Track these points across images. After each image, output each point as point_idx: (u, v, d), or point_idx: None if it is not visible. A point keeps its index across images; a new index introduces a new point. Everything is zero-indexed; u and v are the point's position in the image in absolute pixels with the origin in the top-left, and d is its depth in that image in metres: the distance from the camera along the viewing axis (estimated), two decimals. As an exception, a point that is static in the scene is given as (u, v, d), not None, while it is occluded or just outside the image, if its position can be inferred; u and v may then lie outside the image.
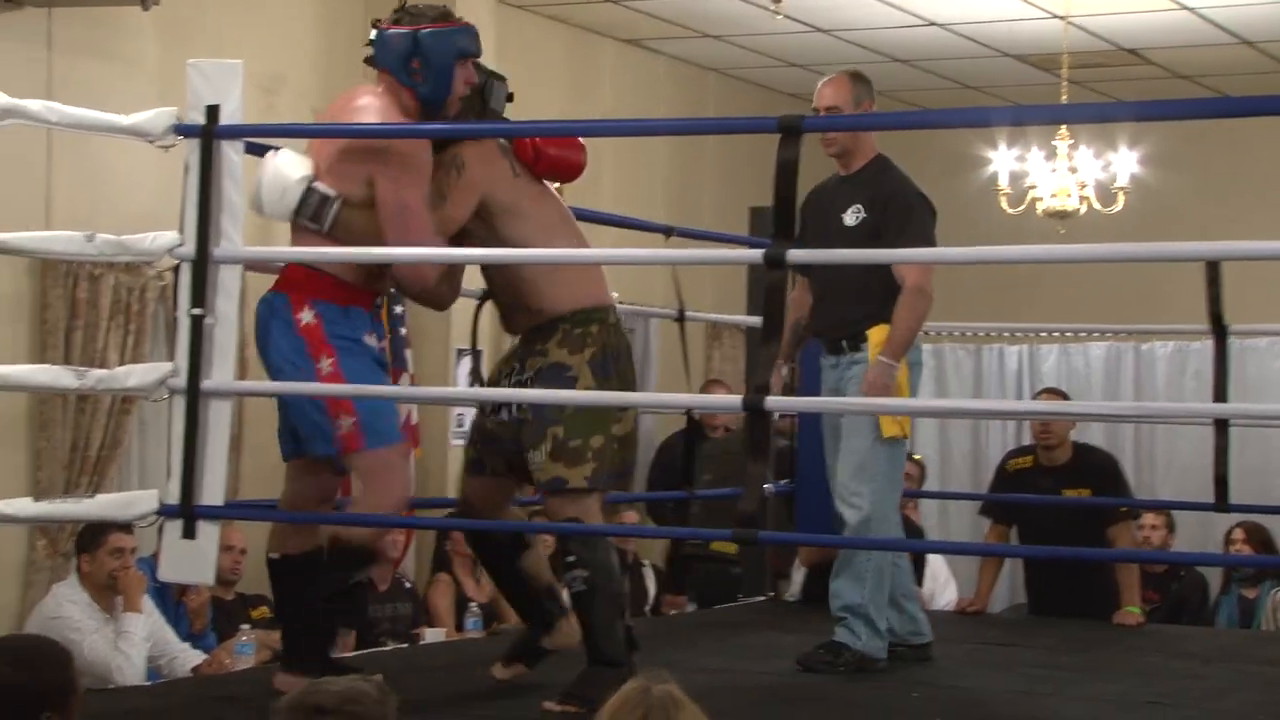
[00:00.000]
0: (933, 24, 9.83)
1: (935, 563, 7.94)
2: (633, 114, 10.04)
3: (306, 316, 4.24)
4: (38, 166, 6.84)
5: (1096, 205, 9.69)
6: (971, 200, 10.45)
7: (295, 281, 4.29)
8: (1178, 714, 4.62)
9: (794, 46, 10.42)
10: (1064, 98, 9.76)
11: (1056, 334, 9.95)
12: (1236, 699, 4.92)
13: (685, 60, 10.75)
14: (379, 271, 4.34)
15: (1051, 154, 9.73)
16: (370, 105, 4.31)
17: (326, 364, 4.24)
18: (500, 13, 8.78)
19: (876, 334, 5.00)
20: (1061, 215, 9.66)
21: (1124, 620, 6.37)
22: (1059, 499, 6.48)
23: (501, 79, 4.49)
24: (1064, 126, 9.65)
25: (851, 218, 5.07)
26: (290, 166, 4.32)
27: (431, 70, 4.29)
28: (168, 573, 4.54)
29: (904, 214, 5.04)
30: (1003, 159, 9.74)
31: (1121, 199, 9.70)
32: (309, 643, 4.41)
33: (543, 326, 4.36)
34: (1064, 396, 7.33)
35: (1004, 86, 11.26)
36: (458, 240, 4.36)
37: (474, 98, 4.41)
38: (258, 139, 4.56)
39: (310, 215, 4.26)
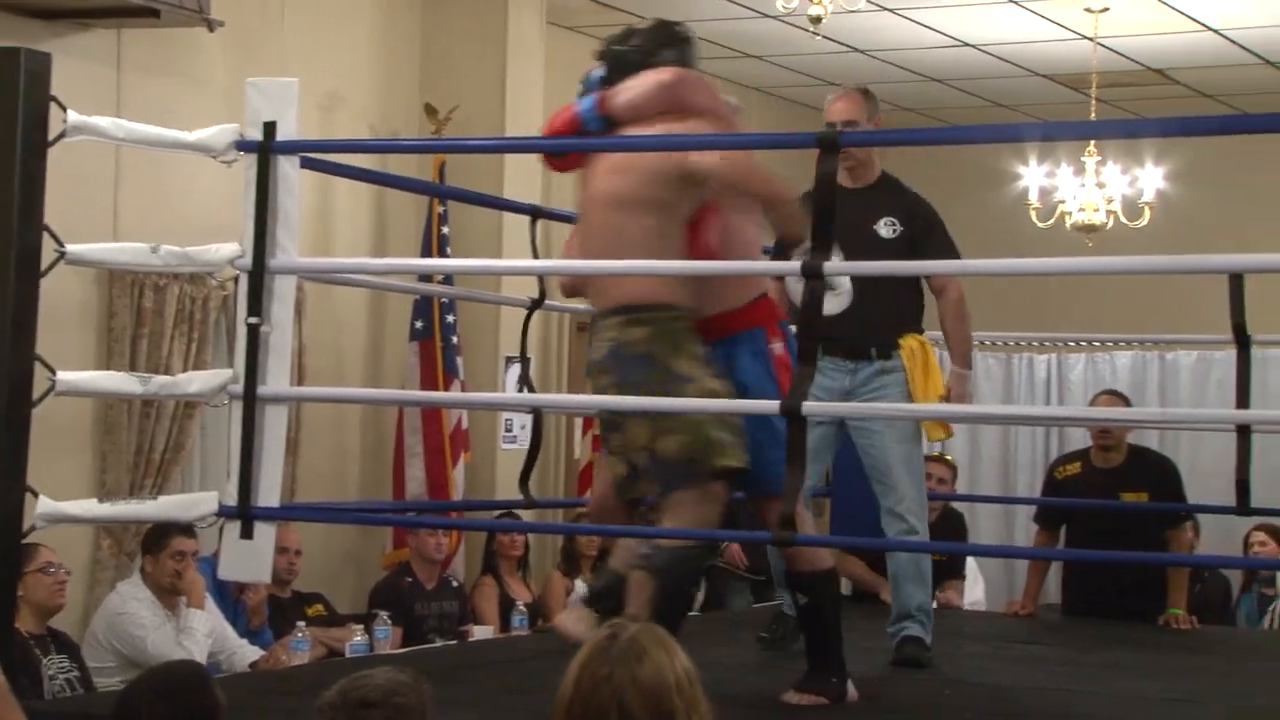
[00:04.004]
0: (966, 44, 10.00)
1: (968, 562, 8.05)
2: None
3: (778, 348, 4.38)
4: (106, 180, 6.89)
5: (1123, 220, 9.85)
6: (1003, 214, 10.65)
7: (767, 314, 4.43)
8: (1197, 711, 4.71)
9: (833, 66, 10.58)
10: (1093, 116, 9.88)
11: (1084, 344, 10.02)
12: (1263, 698, 4.95)
13: (728, 79, 10.89)
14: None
15: (1080, 170, 9.89)
16: None
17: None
18: (550, 33, 8.90)
19: (912, 342, 5.16)
20: (1090, 229, 9.81)
21: (1170, 622, 6.35)
22: (1102, 503, 6.42)
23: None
24: (1092, 143, 9.84)
25: (887, 230, 5.15)
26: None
27: None
28: (227, 571, 4.61)
29: (940, 227, 5.20)
30: (1033, 175, 9.89)
31: (1147, 214, 9.84)
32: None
33: None
34: (1124, 399, 7.13)
35: (1035, 105, 11.39)
36: None
37: None
38: (314, 154, 4.67)
39: None
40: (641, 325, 4.15)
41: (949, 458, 7.83)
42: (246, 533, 4.35)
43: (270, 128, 4.33)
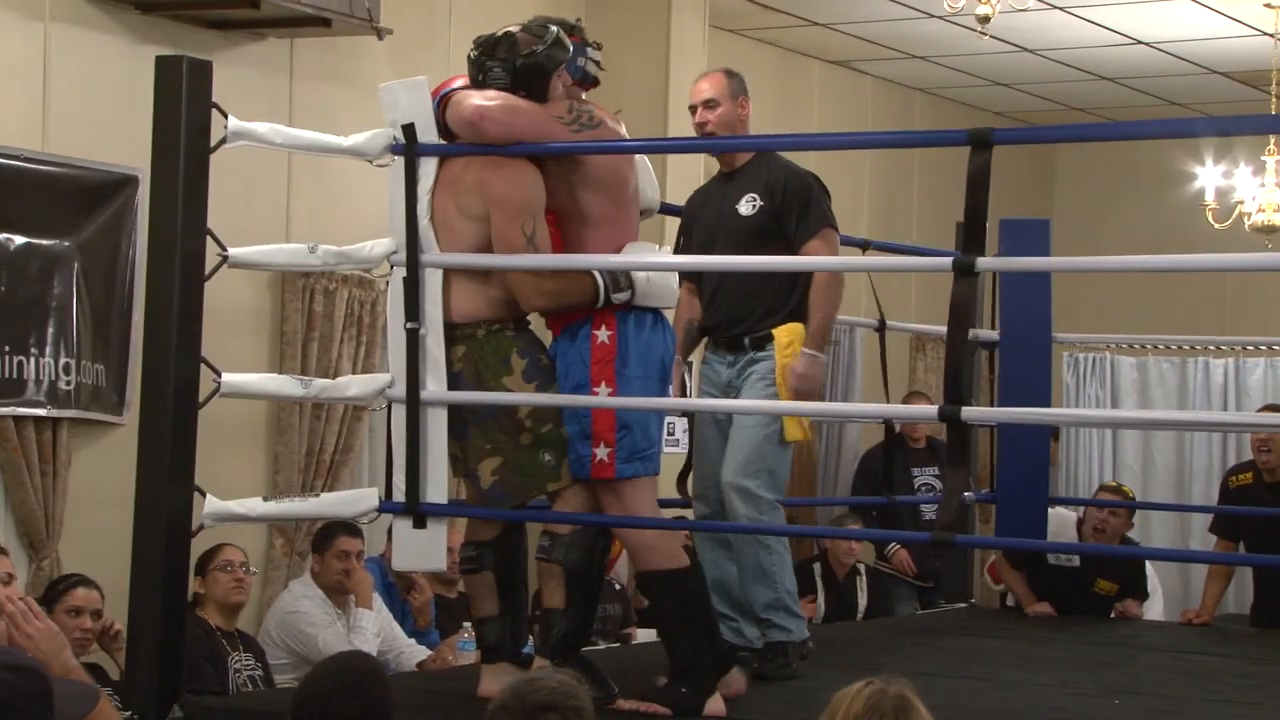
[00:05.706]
0: (1140, 42, 9.83)
1: (1149, 574, 7.87)
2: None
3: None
4: (278, 187, 7.00)
5: (1305, 221, 9.60)
6: (1178, 215, 10.46)
7: None
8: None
9: (1000, 66, 10.48)
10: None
11: (1264, 347, 9.84)
12: None
13: (892, 80, 10.83)
14: None
15: (1259, 169, 9.67)
16: None
17: None
18: (712, 36, 8.87)
19: (783, 334, 4.78)
20: (1269, 230, 9.57)
21: None
22: (1273, 511, 6.31)
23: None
24: (1272, 142, 9.60)
25: (747, 207, 4.88)
26: None
27: None
28: (402, 561, 4.60)
29: (804, 195, 4.85)
30: (1209, 174, 9.68)
31: (1331, 216, 9.61)
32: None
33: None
34: None
35: (1211, 103, 11.15)
36: None
37: None
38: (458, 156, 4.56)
39: None
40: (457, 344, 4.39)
41: (1126, 488, 7.60)
42: (419, 523, 4.37)
43: (409, 129, 4.37)
